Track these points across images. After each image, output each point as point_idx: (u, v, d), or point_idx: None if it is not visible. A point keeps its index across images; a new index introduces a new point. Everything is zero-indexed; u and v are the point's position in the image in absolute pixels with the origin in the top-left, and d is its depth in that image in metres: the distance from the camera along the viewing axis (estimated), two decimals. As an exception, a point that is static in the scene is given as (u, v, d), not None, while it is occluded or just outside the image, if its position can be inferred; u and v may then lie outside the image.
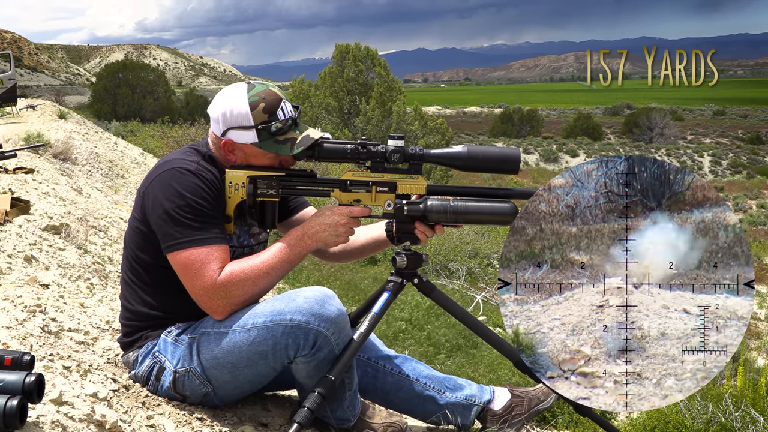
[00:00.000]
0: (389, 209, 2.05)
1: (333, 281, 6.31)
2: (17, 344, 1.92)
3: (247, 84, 2.06)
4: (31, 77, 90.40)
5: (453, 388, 2.25)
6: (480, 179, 28.21)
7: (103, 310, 2.68)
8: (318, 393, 1.87)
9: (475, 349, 4.76)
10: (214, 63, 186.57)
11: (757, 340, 8.42)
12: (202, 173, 1.99)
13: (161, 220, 1.93)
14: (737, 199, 33.29)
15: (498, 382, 3.54)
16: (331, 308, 1.90)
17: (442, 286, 6.96)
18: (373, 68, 24.49)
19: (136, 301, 2.08)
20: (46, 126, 10.84)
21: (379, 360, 2.25)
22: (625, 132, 57.73)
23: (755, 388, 2.59)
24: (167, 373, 2.00)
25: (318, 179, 2.08)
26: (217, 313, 1.94)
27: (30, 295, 2.41)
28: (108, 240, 4.53)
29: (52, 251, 3.44)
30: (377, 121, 22.77)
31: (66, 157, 7.53)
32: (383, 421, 2.16)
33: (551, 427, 2.65)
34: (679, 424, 2.50)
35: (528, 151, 47.80)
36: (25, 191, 4.65)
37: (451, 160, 2.03)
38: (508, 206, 2.01)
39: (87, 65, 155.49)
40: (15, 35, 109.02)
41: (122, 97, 34.04)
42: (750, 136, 56.80)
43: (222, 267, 1.91)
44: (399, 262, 2.08)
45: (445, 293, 2.18)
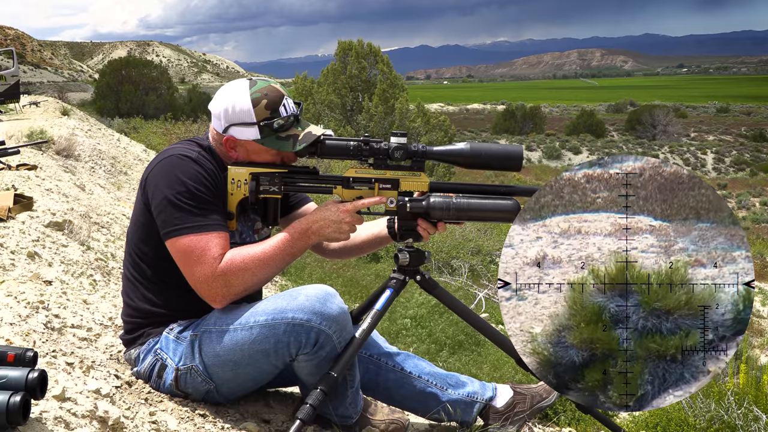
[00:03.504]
0: (392, 206, 2.05)
1: (335, 278, 6.31)
2: (20, 340, 1.93)
3: (249, 80, 2.05)
4: (34, 74, 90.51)
5: (455, 385, 2.25)
6: (482, 176, 28.17)
7: (106, 307, 2.68)
8: (320, 390, 1.88)
9: (477, 346, 4.76)
10: (216, 60, 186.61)
11: (760, 338, 8.41)
12: (203, 161, 1.99)
13: (161, 206, 1.93)
14: (740, 197, 33.23)
15: (500, 380, 3.54)
16: (332, 306, 1.90)
17: (445, 283, 6.97)
18: (376, 65, 24.46)
19: (138, 298, 2.08)
20: (49, 123, 10.85)
21: (381, 357, 2.25)
22: (628, 129, 57.67)
23: (758, 386, 2.58)
24: (169, 371, 2.00)
25: (320, 176, 2.08)
26: (216, 301, 1.94)
27: (33, 291, 2.41)
28: (111, 236, 4.54)
29: (55, 248, 3.45)
30: (380, 118, 22.75)
31: (69, 154, 7.53)
32: (385, 417, 2.16)
33: (553, 424, 2.65)
34: (682, 421, 2.50)
35: (531, 148, 47.75)
36: (28, 188, 4.65)
37: (453, 158, 2.03)
38: (511, 203, 2.01)
39: (90, 62, 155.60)
40: (18, 32, 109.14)
41: (125, 94, 34.04)
42: (753, 133, 56.67)
43: (222, 254, 1.91)
44: (401, 260, 2.08)
45: (447, 290, 2.18)
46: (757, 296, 11.53)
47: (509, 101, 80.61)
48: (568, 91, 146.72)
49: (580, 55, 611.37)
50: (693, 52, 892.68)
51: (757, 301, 11.18)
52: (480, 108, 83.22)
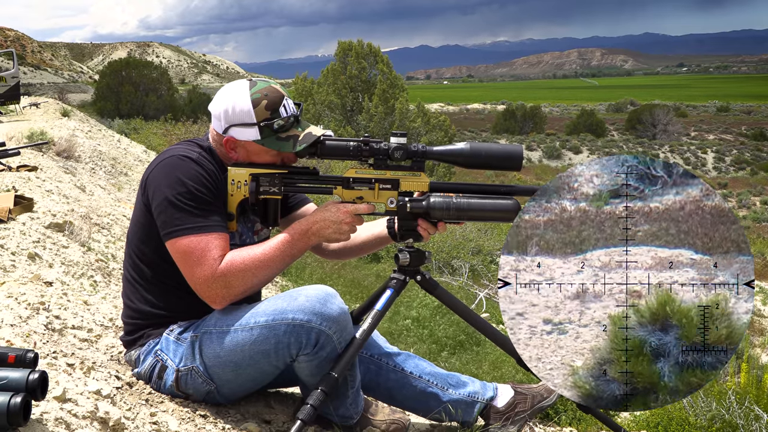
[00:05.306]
0: (392, 206, 2.04)
1: (336, 278, 6.30)
2: (21, 342, 1.93)
3: (249, 81, 2.05)
4: (34, 75, 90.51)
5: (456, 385, 2.25)
6: (483, 176, 28.17)
7: (107, 308, 2.68)
8: (321, 390, 1.88)
9: (478, 346, 4.76)
10: (216, 60, 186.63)
11: (761, 337, 8.40)
12: (204, 162, 1.99)
13: (162, 207, 1.93)
14: (741, 196, 33.21)
15: (501, 379, 3.54)
16: (332, 307, 1.90)
17: (445, 283, 6.96)
18: (376, 65, 24.45)
19: (138, 299, 2.08)
20: (50, 124, 10.85)
21: (382, 357, 2.25)
22: (628, 128, 57.62)
23: (759, 385, 2.58)
24: (170, 372, 2.00)
25: (320, 177, 2.08)
26: (216, 302, 1.94)
27: (33, 292, 2.41)
28: (111, 237, 4.54)
29: (56, 249, 3.45)
30: (380, 118, 22.75)
31: (69, 155, 7.53)
32: (386, 418, 2.16)
33: (554, 424, 2.65)
34: (683, 420, 2.50)
35: (531, 147, 47.72)
36: (29, 189, 4.65)
37: (453, 157, 2.03)
38: (511, 203, 2.01)
39: (90, 63, 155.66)
40: (18, 33, 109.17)
41: (125, 95, 34.05)
42: (754, 132, 56.63)
43: (222, 255, 1.91)
44: (402, 260, 2.08)
45: (448, 290, 2.18)
46: (758, 295, 11.53)
47: (509, 101, 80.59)
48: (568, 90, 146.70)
49: (580, 55, 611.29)
50: (693, 51, 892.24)
51: (757, 300, 11.17)
52: (480, 108, 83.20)
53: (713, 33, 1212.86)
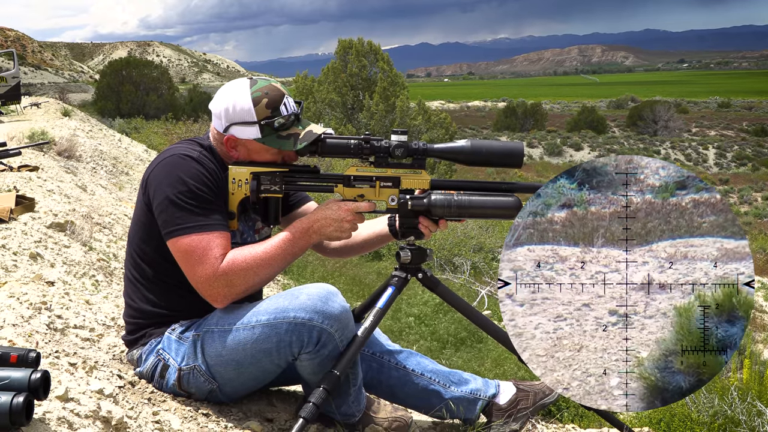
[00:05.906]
0: (393, 204, 2.04)
1: (338, 276, 6.30)
2: (23, 341, 1.93)
3: (249, 80, 2.05)
4: (34, 75, 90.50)
5: (458, 383, 2.25)
6: (484, 173, 28.16)
7: (109, 307, 2.69)
8: (323, 388, 1.88)
9: (480, 343, 4.76)
10: (217, 59, 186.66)
11: (762, 333, 8.40)
12: (204, 161, 1.99)
13: (163, 206, 1.93)
14: (742, 192, 33.18)
15: (503, 377, 3.54)
16: (334, 305, 1.90)
17: (447, 281, 6.96)
18: (376, 63, 24.44)
19: (139, 299, 2.08)
20: (50, 123, 10.86)
21: (384, 355, 2.25)
22: (629, 125, 57.58)
23: (761, 381, 2.58)
24: (172, 371, 2.01)
25: (321, 175, 2.08)
26: (218, 301, 1.94)
27: (35, 292, 2.41)
28: (113, 237, 4.54)
29: (57, 248, 3.45)
30: (381, 116, 22.74)
31: (70, 155, 7.54)
32: (388, 415, 2.16)
33: (556, 420, 2.65)
34: (685, 417, 2.49)
35: (532, 144, 47.72)
36: (30, 189, 4.66)
37: (454, 155, 2.03)
38: (512, 200, 2.01)
39: (90, 62, 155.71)
40: (18, 33, 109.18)
41: (126, 94, 34.05)
42: (755, 128, 56.57)
43: (224, 254, 1.91)
44: (403, 257, 2.08)
45: (449, 288, 2.18)
46: (760, 291, 11.52)
47: (510, 98, 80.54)
48: (568, 87, 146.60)
49: (580, 52, 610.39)
50: (694, 47, 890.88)
51: (759, 296, 11.16)
52: (481, 105, 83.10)
53: (714, 29, 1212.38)
